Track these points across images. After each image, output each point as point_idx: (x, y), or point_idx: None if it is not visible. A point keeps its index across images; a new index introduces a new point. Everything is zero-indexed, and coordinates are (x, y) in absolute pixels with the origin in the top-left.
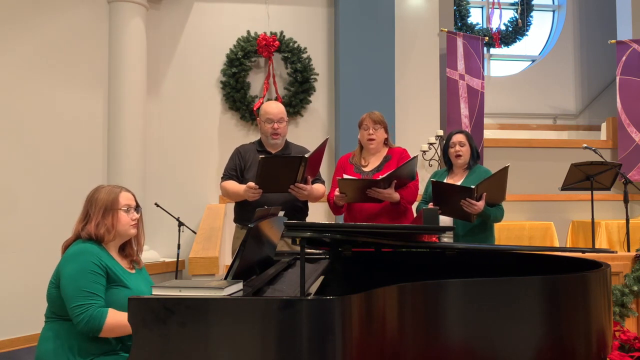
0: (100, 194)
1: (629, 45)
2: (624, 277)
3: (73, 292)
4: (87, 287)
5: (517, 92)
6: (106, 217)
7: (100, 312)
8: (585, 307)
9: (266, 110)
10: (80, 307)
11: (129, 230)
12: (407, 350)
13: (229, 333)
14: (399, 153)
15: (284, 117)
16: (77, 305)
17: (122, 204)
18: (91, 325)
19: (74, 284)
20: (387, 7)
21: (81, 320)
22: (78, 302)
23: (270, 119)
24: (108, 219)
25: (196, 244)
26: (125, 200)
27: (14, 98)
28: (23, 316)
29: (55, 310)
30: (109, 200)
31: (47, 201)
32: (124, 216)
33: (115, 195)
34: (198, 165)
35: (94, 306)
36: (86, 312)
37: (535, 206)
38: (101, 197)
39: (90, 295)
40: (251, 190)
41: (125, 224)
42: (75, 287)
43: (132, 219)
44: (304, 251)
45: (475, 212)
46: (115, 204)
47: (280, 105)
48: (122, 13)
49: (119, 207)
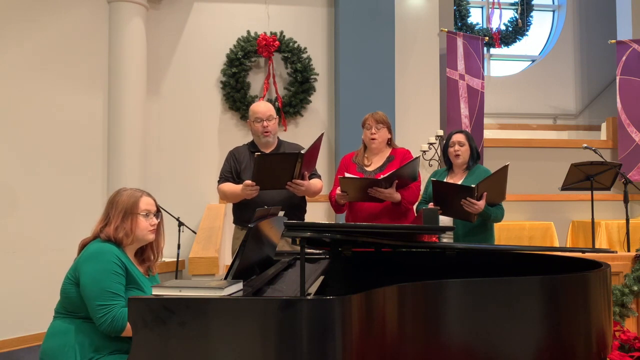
0: (121, 197)
1: (629, 45)
2: (624, 277)
3: (96, 293)
4: (110, 288)
5: (517, 92)
6: (125, 221)
7: (124, 313)
8: (585, 307)
9: (254, 110)
10: (105, 308)
11: (147, 235)
12: (407, 350)
13: (229, 333)
14: (402, 154)
15: (273, 115)
16: (100, 305)
17: (142, 208)
18: (115, 325)
19: (97, 284)
20: (387, 7)
21: (105, 321)
22: (101, 302)
23: (259, 118)
24: (127, 223)
25: (196, 244)
26: (145, 205)
27: (14, 98)
28: (23, 316)
29: (67, 306)
30: (129, 204)
31: (47, 201)
32: (143, 221)
33: (135, 199)
34: (198, 165)
35: (118, 306)
36: (110, 312)
37: (535, 206)
38: (122, 200)
39: (114, 296)
40: (248, 187)
41: (144, 229)
42: (98, 288)
43: (151, 225)
44: (304, 251)
45: (476, 211)
46: (135, 208)
47: (267, 103)
48: (122, 13)
49: (139, 212)
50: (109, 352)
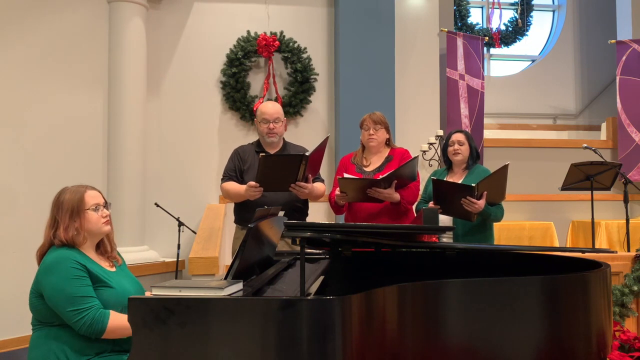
0: (65, 196)
1: (629, 45)
2: (624, 277)
3: (65, 301)
4: (77, 292)
5: (517, 92)
6: (74, 219)
7: (103, 314)
8: (585, 307)
9: (262, 111)
10: (80, 312)
11: (101, 228)
12: (407, 350)
13: (229, 333)
14: (401, 154)
15: (280, 117)
16: (73, 311)
17: (90, 203)
18: (95, 327)
19: (62, 293)
20: (387, 7)
21: (83, 324)
22: (73, 307)
23: (266, 119)
24: (76, 221)
25: (196, 244)
26: (92, 200)
27: (14, 98)
28: (23, 316)
29: (40, 318)
30: (74, 201)
31: (47, 201)
32: (94, 215)
33: (80, 195)
34: (198, 165)
35: (94, 308)
36: (87, 315)
37: (535, 206)
38: (66, 199)
39: (84, 299)
40: (252, 189)
41: (96, 222)
42: (65, 296)
43: (103, 216)
44: (304, 251)
45: (476, 210)
46: (81, 204)
47: (276, 104)
48: (122, 13)
49: (87, 208)
50: (94, 354)
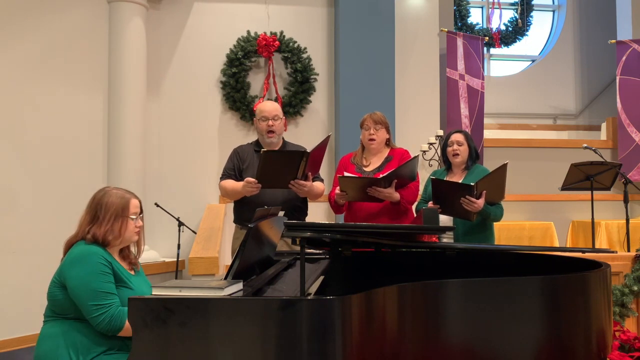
0: (110, 198)
1: (629, 45)
2: (624, 277)
3: (88, 294)
4: (101, 288)
5: (517, 92)
6: (116, 223)
7: (122, 312)
8: (585, 307)
9: (261, 109)
10: (100, 307)
11: (132, 237)
12: (407, 350)
13: (229, 333)
14: (401, 154)
15: (279, 115)
16: (96, 305)
17: (132, 211)
18: (113, 324)
19: (86, 286)
20: (387, 7)
21: (103, 320)
22: (96, 302)
23: (265, 117)
24: (117, 226)
25: (196, 244)
26: (135, 208)
27: (14, 98)
28: (23, 316)
29: (55, 309)
30: (120, 206)
31: (47, 201)
32: (131, 223)
33: (126, 201)
34: (198, 165)
35: (114, 305)
36: (107, 311)
37: (535, 206)
38: (112, 201)
39: (107, 295)
40: (250, 185)
41: (131, 231)
42: (89, 289)
43: (137, 226)
44: (304, 251)
45: (475, 210)
46: (126, 211)
47: (274, 103)
48: (122, 13)
49: (129, 215)
50: (103, 351)
